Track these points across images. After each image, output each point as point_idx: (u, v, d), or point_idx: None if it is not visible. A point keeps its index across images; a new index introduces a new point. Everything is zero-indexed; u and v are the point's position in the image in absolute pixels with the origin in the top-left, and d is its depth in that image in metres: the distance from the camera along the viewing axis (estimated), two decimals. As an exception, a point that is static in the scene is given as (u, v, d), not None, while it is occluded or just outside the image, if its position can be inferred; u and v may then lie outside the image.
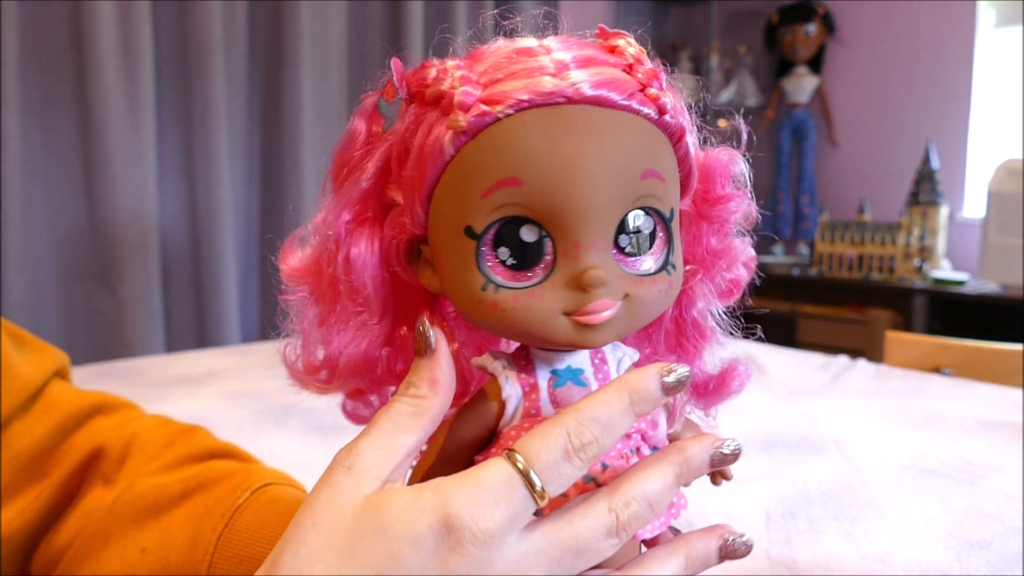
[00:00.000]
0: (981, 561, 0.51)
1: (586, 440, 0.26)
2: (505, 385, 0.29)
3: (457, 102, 0.26)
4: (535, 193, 0.26)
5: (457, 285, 0.28)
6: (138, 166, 1.82)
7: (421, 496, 0.26)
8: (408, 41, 2.24)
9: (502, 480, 0.26)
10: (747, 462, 0.69)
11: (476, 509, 0.25)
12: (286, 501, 0.43)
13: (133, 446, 0.45)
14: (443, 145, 0.27)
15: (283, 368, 0.33)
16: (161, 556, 0.41)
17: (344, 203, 0.30)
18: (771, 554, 0.52)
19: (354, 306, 0.30)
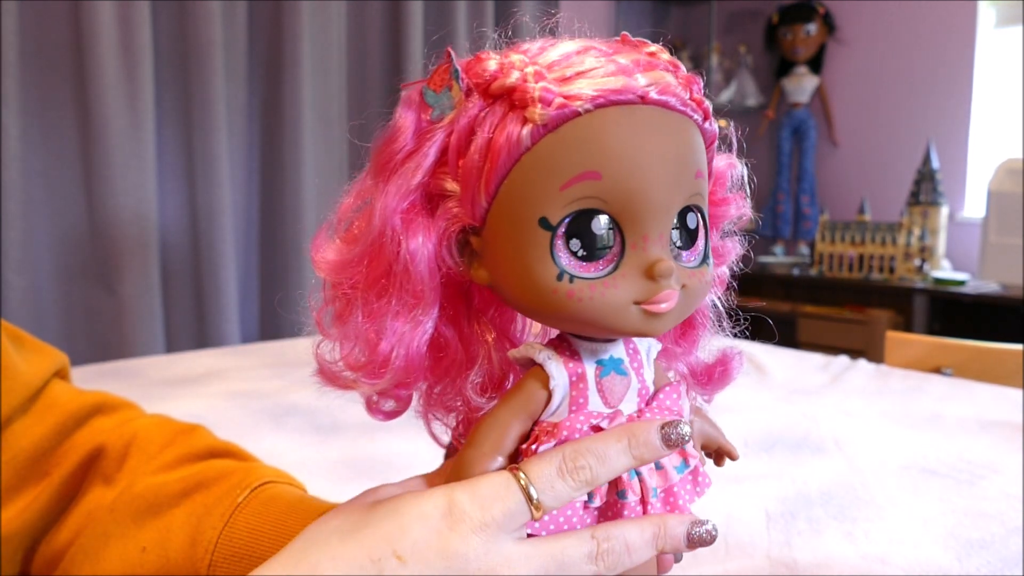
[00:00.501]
0: (981, 561, 0.51)
1: (579, 465, 0.29)
2: (555, 374, 0.30)
3: (539, 96, 0.27)
4: (613, 187, 0.28)
5: (524, 276, 0.28)
6: (138, 166, 1.82)
7: (431, 489, 0.29)
8: (408, 41, 2.24)
9: (502, 483, 0.29)
10: (747, 462, 0.68)
11: (477, 500, 0.28)
12: (285, 499, 0.43)
13: (133, 445, 0.45)
14: (520, 137, 0.28)
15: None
16: (161, 555, 0.41)
17: (400, 194, 0.29)
18: (771, 554, 0.51)
19: (410, 299, 0.30)
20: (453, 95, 0.29)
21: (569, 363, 0.30)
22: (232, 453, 0.48)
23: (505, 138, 0.28)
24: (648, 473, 0.31)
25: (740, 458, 0.35)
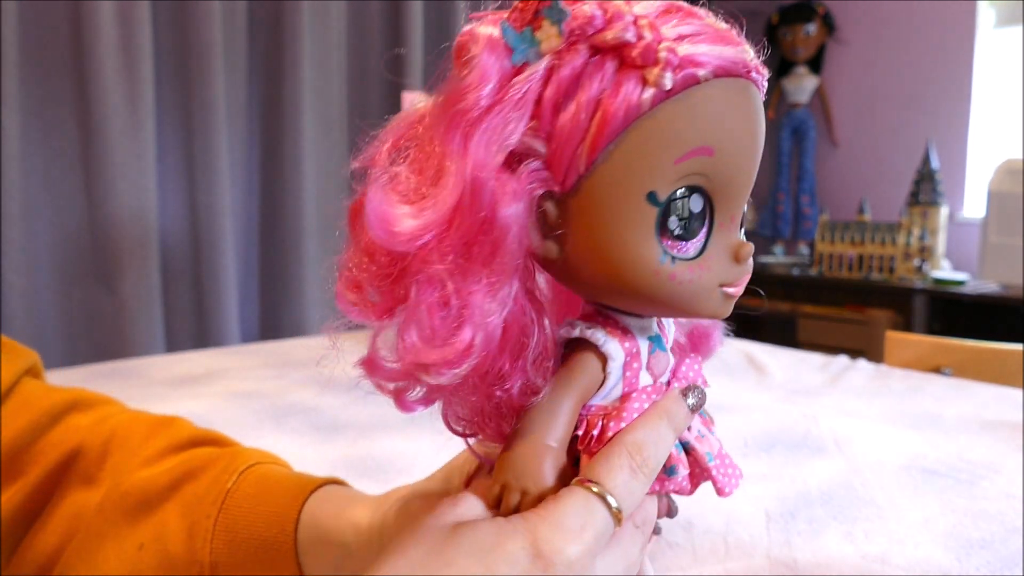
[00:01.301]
0: (981, 561, 0.51)
1: (646, 457, 0.28)
2: (614, 354, 0.28)
3: (665, 58, 0.25)
4: (722, 165, 0.26)
5: (620, 254, 0.26)
6: (138, 166, 1.82)
7: (509, 521, 0.27)
8: (408, 41, 2.24)
9: (584, 506, 0.27)
10: (747, 462, 0.68)
11: (563, 534, 0.26)
12: (273, 477, 0.43)
13: (112, 443, 0.45)
14: (640, 101, 0.25)
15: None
16: (159, 550, 0.41)
17: (492, 151, 0.25)
18: (771, 554, 0.52)
19: (495, 275, 0.26)
20: (539, 37, 0.25)
21: (624, 342, 0.29)
22: (213, 440, 0.48)
23: (622, 99, 0.25)
24: (697, 442, 0.30)
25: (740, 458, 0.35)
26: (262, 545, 0.41)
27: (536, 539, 0.26)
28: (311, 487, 0.42)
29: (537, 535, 0.26)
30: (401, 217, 0.25)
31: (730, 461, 0.31)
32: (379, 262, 0.27)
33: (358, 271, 0.28)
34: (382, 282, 0.27)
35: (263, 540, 0.41)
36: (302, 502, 0.41)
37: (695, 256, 0.27)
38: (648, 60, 0.25)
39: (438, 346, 0.26)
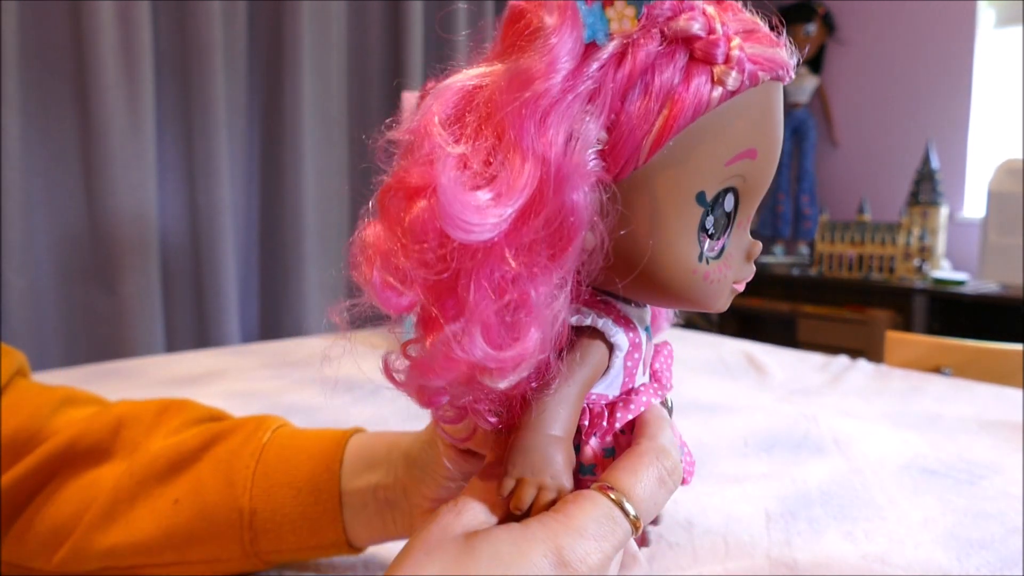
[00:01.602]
0: (981, 561, 0.51)
1: (672, 466, 0.28)
2: (621, 343, 0.28)
3: (735, 56, 0.24)
4: (759, 168, 0.26)
5: (663, 249, 0.25)
6: (138, 166, 1.82)
7: (528, 528, 0.26)
8: (408, 41, 2.24)
9: (605, 513, 0.26)
10: (747, 462, 0.68)
11: (585, 542, 0.26)
12: (305, 433, 0.45)
13: (122, 424, 0.47)
14: (708, 99, 0.24)
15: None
16: (196, 502, 0.42)
17: (569, 139, 0.24)
18: (771, 554, 0.51)
19: (559, 266, 0.24)
20: (609, 16, 0.24)
21: (628, 332, 0.28)
22: (225, 417, 0.50)
23: (693, 95, 0.24)
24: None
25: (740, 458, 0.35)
26: (305, 486, 0.42)
27: (559, 547, 0.25)
28: (338, 439, 0.44)
29: (560, 543, 0.25)
30: (483, 204, 0.23)
31: (688, 450, 0.32)
32: (429, 246, 0.24)
33: (402, 254, 0.25)
34: (429, 269, 0.24)
35: (305, 481, 0.42)
36: (343, 445, 0.43)
37: (719, 255, 0.27)
38: (719, 57, 0.24)
39: (505, 349, 0.24)
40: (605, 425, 0.28)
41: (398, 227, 0.25)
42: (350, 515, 0.42)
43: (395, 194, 0.25)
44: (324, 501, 0.42)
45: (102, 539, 0.42)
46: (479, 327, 0.24)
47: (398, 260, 0.25)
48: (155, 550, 0.42)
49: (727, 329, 2.98)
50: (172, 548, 0.42)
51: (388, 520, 0.42)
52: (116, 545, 0.42)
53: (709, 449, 0.71)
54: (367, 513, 0.42)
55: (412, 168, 0.24)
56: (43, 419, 0.46)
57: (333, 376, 0.29)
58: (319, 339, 1.31)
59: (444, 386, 0.26)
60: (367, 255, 0.25)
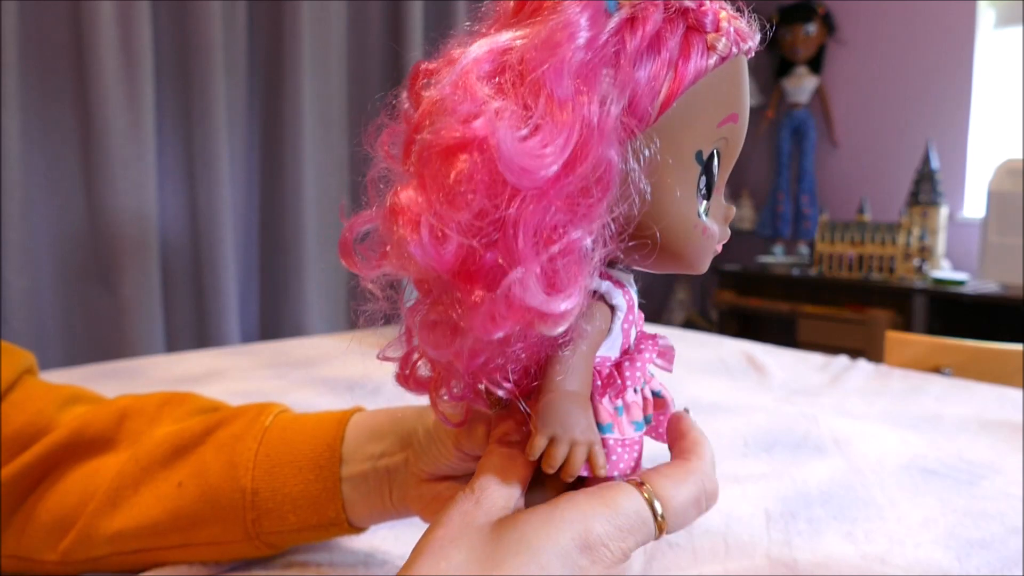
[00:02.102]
0: (981, 561, 0.51)
1: (712, 491, 0.30)
2: (620, 305, 0.30)
3: (727, 28, 0.27)
4: (738, 132, 0.29)
5: (668, 206, 0.27)
6: (138, 166, 1.82)
7: (557, 510, 0.27)
8: (408, 41, 2.24)
9: (636, 511, 0.28)
10: (747, 462, 0.68)
11: (614, 532, 0.27)
12: (307, 417, 0.46)
13: (126, 417, 0.47)
14: (706, 66, 0.27)
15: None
16: (200, 484, 0.43)
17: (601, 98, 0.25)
18: (771, 554, 0.51)
19: (599, 220, 0.26)
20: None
21: (624, 295, 0.30)
22: (229, 407, 0.50)
23: (694, 62, 0.26)
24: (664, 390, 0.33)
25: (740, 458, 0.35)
26: (307, 464, 0.43)
27: (587, 528, 0.26)
28: (340, 421, 0.45)
29: (588, 525, 0.26)
30: (536, 150, 0.24)
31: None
32: (476, 199, 0.25)
33: (448, 209, 0.25)
34: (479, 220, 0.25)
35: (306, 460, 0.43)
36: (344, 424, 0.44)
37: (705, 214, 0.29)
38: (711, 26, 0.27)
39: (559, 295, 0.25)
40: (620, 384, 0.30)
41: (439, 185, 0.25)
42: (350, 489, 0.43)
43: (433, 154, 0.25)
44: (325, 479, 0.42)
45: (108, 525, 0.43)
46: (534, 274, 0.25)
47: (444, 215, 0.25)
48: (160, 533, 0.43)
49: (727, 329, 2.98)
50: (177, 531, 0.43)
51: (386, 495, 0.42)
52: (122, 530, 0.43)
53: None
54: (367, 487, 0.42)
55: (451, 127, 0.25)
56: (49, 415, 0.47)
57: (333, 376, 0.29)
58: (319, 339, 1.31)
59: (497, 340, 0.26)
60: (408, 216, 0.25)
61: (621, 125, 0.26)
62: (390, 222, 0.26)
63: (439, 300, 0.27)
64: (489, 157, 0.24)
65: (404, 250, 0.25)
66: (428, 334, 0.27)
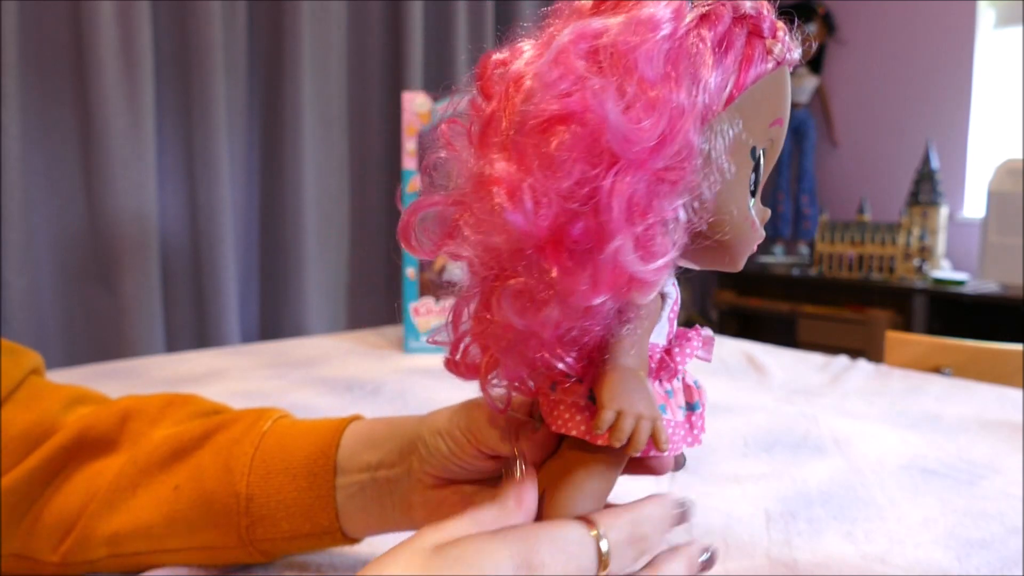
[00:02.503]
0: (981, 561, 0.51)
1: (648, 535, 0.31)
2: (672, 293, 0.31)
3: (779, 35, 0.29)
4: (781, 135, 0.31)
5: (729, 197, 0.29)
6: (138, 166, 1.82)
7: (501, 533, 0.28)
8: (408, 41, 2.24)
9: (579, 540, 0.28)
10: (747, 462, 0.68)
11: (558, 556, 0.27)
12: (305, 423, 0.46)
13: (128, 417, 0.47)
14: (765, 69, 0.29)
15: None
16: (196, 487, 0.43)
17: (691, 84, 0.27)
18: (771, 554, 0.52)
19: (681, 198, 0.28)
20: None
21: (673, 285, 0.32)
22: (230, 410, 0.50)
23: (756, 63, 0.29)
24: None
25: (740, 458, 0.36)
26: (301, 471, 0.42)
27: (529, 548, 0.27)
28: (336, 429, 0.44)
29: (530, 545, 0.27)
30: (637, 122, 0.25)
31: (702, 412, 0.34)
32: (576, 170, 0.26)
33: (547, 179, 0.26)
34: (578, 188, 0.26)
35: (301, 467, 0.42)
36: (341, 432, 0.43)
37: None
38: (772, 33, 0.29)
39: (653, 263, 0.26)
40: (672, 367, 0.31)
41: (539, 155, 0.26)
42: (345, 498, 0.42)
43: (534, 126, 0.26)
44: (318, 486, 0.42)
45: (105, 526, 0.43)
46: (632, 242, 0.26)
47: (544, 183, 0.26)
48: (156, 537, 0.43)
49: (727, 329, 2.98)
50: (173, 535, 0.43)
51: (387, 506, 0.42)
52: (118, 532, 0.43)
53: (709, 449, 0.71)
54: (364, 498, 0.42)
55: (552, 101, 0.26)
56: (54, 416, 0.47)
57: (333, 376, 0.30)
58: (319, 339, 1.31)
59: (583, 311, 0.27)
60: (506, 185, 0.26)
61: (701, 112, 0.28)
62: (483, 193, 0.27)
63: (524, 272, 0.27)
64: (590, 128, 0.25)
65: (499, 219, 0.26)
66: (513, 303, 0.28)
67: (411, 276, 1.18)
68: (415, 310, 1.18)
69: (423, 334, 1.18)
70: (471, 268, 0.29)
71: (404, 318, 1.19)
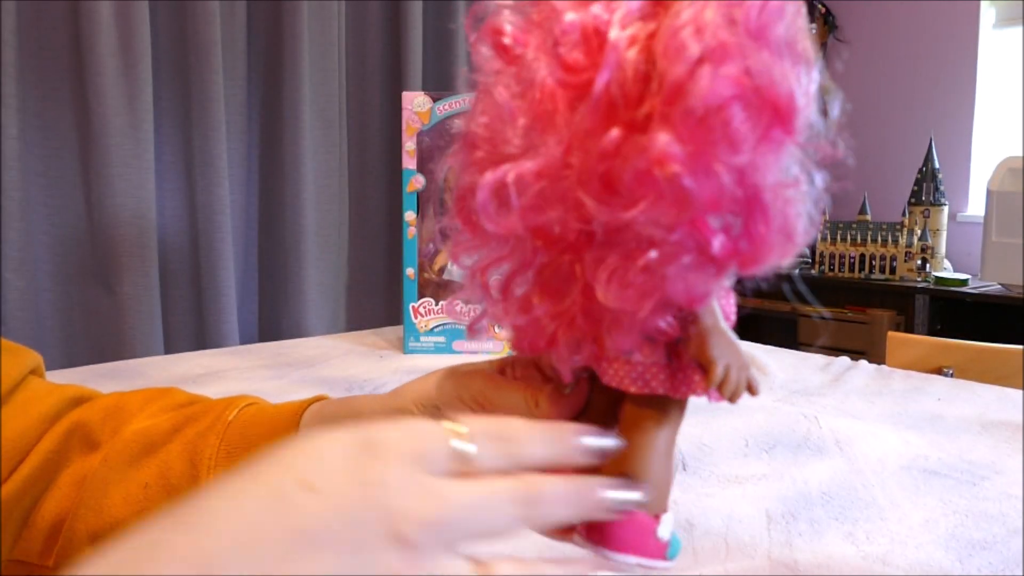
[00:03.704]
0: (982, 562, 0.51)
1: (507, 435, 0.28)
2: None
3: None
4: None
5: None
6: (137, 166, 1.81)
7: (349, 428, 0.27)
8: (408, 41, 2.24)
9: (427, 425, 0.27)
10: (748, 463, 0.68)
11: (396, 434, 0.26)
12: (271, 410, 0.45)
13: (110, 414, 0.47)
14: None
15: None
16: (164, 486, 0.42)
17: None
18: (772, 555, 0.51)
19: (803, 179, 0.31)
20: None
21: None
22: (206, 401, 0.50)
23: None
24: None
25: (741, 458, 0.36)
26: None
27: (369, 435, 0.25)
28: (308, 402, 0.44)
29: (370, 433, 0.26)
30: (800, 92, 0.28)
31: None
32: (736, 144, 0.26)
33: (713, 154, 0.26)
34: (732, 167, 0.27)
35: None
36: (300, 414, 0.43)
37: None
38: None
39: (799, 227, 0.29)
40: (730, 320, 0.33)
41: (704, 126, 0.26)
42: None
43: (694, 96, 0.26)
44: None
45: (84, 528, 0.43)
46: (787, 218, 0.29)
47: (711, 153, 0.26)
48: None
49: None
50: None
51: None
52: (97, 532, 0.43)
53: (709, 449, 0.71)
54: None
55: (717, 73, 0.26)
56: (52, 418, 0.47)
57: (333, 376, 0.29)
58: (319, 339, 1.31)
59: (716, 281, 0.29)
60: (672, 156, 0.26)
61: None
62: (643, 164, 0.26)
63: (671, 244, 0.27)
64: (753, 99, 0.26)
65: (672, 187, 0.26)
66: (645, 279, 0.28)
67: (411, 276, 1.18)
68: (415, 310, 1.18)
69: (423, 334, 1.17)
70: (532, 247, 0.30)
71: (404, 318, 1.18)
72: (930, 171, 2.67)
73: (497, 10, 0.32)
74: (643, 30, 0.27)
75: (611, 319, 0.29)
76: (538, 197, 0.28)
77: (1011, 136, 2.69)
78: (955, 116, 2.84)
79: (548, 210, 0.28)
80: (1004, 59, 2.77)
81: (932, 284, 2.55)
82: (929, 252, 2.63)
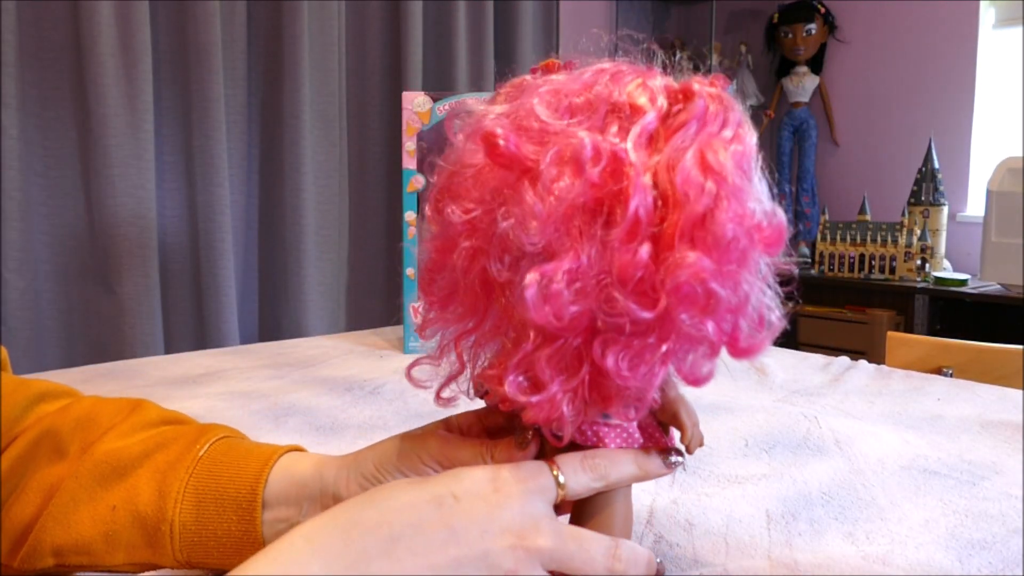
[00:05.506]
0: (983, 562, 0.51)
1: (596, 463, 0.38)
2: None
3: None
4: None
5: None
6: (137, 166, 1.82)
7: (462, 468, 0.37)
8: (408, 41, 2.24)
9: (539, 466, 0.37)
10: (748, 462, 0.68)
11: (518, 471, 0.36)
12: (243, 446, 0.46)
13: (81, 422, 0.47)
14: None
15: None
16: (131, 510, 0.43)
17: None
18: (772, 555, 0.51)
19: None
20: None
21: None
22: (181, 420, 0.50)
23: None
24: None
25: (740, 458, 0.37)
26: (229, 504, 0.43)
27: (496, 471, 0.36)
28: (272, 452, 0.45)
29: (498, 470, 0.36)
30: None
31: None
32: (743, 260, 0.34)
33: (729, 270, 0.33)
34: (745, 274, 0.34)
35: (227, 497, 0.43)
36: (271, 464, 0.44)
37: None
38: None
39: (765, 327, 0.36)
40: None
41: (718, 243, 0.32)
42: (272, 534, 0.42)
43: (733, 231, 0.33)
44: (245, 520, 0.42)
45: (50, 539, 0.43)
46: (766, 319, 0.36)
47: (726, 270, 0.33)
48: (96, 553, 0.43)
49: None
50: (112, 552, 0.43)
51: None
52: (63, 545, 0.43)
53: (709, 449, 0.71)
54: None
55: (739, 213, 0.33)
56: (15, 416, 0.47)
57: (332, 376, 0.30)
58: (319, 339, 1.31)
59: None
60: (721, 272, 0.33)
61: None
62: (684, 276, 0.32)
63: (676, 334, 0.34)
64: (751, 227, 0.33)
65: (705, 293, 0.32)
66: (657, 360, 0.34)
67: (411, 276, 1.18)
68: (415, 310, 1.18)
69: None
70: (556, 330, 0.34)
71: (404, 318, 1.18)
72: (930, 171, 2.67)
73: (484, 113, 0.36)
74: (651, 159, 0.33)
75: (617, 392, 0.35)
76: (577, 293, 0.33)
77: (1011, 136, 2.69)
78: (955, 116, 2.84)
79: (581, 303, 0.33)
80: (1004, 59, 2.77)
81: (932, 284, 2.55)
82: (929, 252, 2.63)
